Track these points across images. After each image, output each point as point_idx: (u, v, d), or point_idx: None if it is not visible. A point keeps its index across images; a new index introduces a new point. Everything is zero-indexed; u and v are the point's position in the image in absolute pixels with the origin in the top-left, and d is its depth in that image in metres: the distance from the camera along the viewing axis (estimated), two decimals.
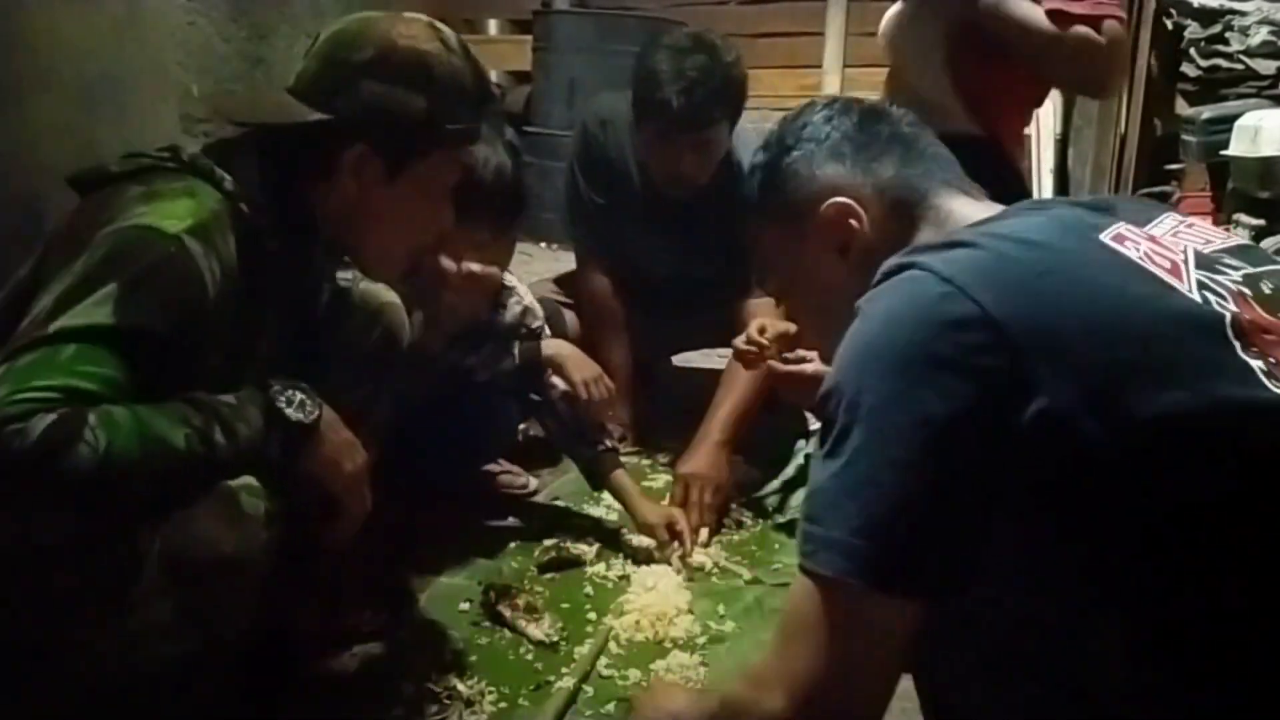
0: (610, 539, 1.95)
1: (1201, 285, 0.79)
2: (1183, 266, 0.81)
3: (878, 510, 0.75)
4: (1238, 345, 0.76)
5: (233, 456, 1.11)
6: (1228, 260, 0.83)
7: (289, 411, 1.17)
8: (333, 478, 1.23)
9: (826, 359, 1.11)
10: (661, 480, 2.28)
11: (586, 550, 1.87)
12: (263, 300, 1.24)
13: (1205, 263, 0.82)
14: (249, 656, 1.35)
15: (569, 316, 2.45)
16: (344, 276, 1.53)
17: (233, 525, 1.12)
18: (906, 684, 0.87)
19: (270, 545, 1.17)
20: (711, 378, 2.43)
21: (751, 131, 2.39)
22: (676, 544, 1.87)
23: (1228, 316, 0.77)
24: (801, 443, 2.45)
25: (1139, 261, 0.80)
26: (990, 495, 0.74)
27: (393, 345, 1.57)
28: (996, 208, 0.97)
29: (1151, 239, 0.83)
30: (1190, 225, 0.89)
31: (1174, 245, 0.83)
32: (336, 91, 1.24)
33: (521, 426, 2.28)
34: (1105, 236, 0.82)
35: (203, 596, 1.11)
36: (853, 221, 0.97)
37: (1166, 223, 0.88)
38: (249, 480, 1.14)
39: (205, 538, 1.11)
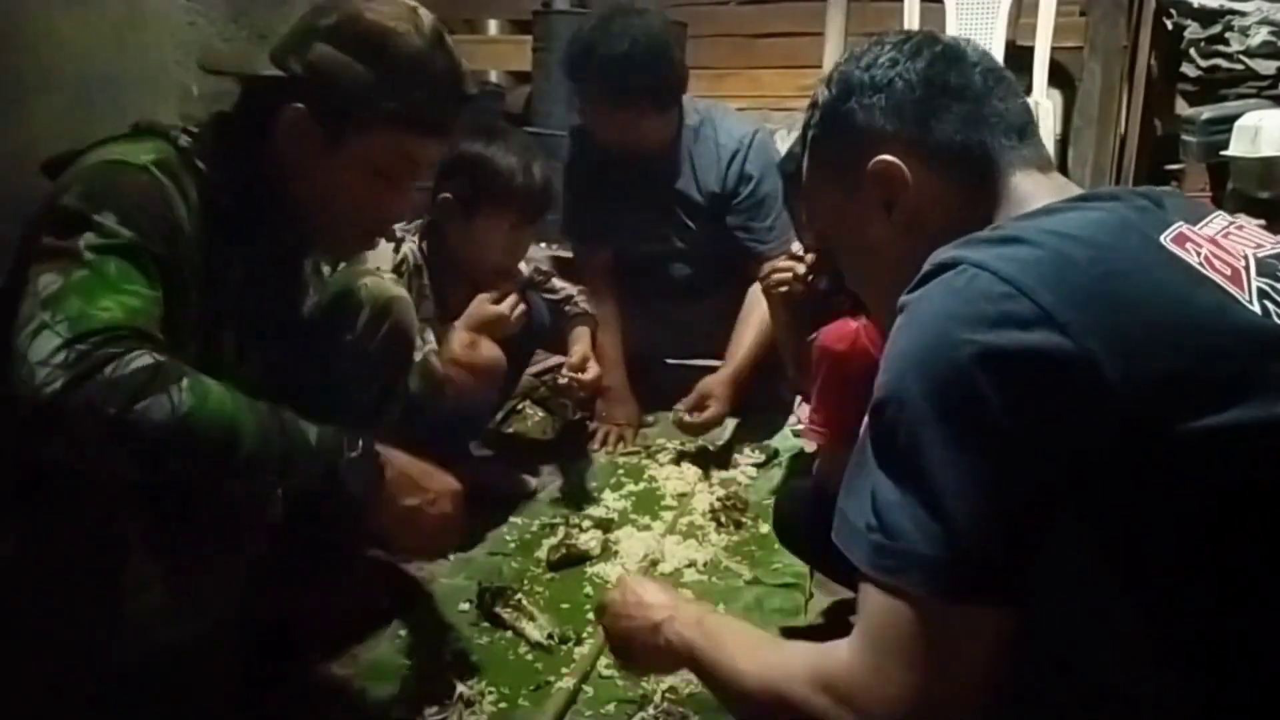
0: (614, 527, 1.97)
1: (1262, 294, 0.77)
2: (1243, 274, 0.78)
3: (962, 524, 0.72)
4: None
5: (267, 489, 1.16)
6: None
7: (348, 482, 1.17)
8: (391, 517, 1.23)
9: (863, 309, 1.10)
10: (664, 472, 2.28)
11: (595, 544, 1.88)
12: (227, 259, 1.22)
13: (1266, 270, 0.80)
14: (253, 646, 1.36)
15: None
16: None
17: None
18: None
19: (266, 535, 1.20)
20: (708, 373, 2.44)
21: (770, 138, 2.54)
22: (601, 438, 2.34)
23: None
24: (788, 436, 2.46)
25: (1199, 268, 0.77)
26: (1058, 501, 0.72)
27: (402, 340, 1.56)
28: (1060, 184, 0.94)
29: (1212, 241, 0.81)
30: (1240, 227, 0.87)
31: (1232, 249, 0.81)
32: (291, 51, 1.24)
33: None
34: (1166, 238, 0.79)
35: (194, 580, 1.12)
36: (899, 181, 0.92)
37: (1217, 222, 0.86)
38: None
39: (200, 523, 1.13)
